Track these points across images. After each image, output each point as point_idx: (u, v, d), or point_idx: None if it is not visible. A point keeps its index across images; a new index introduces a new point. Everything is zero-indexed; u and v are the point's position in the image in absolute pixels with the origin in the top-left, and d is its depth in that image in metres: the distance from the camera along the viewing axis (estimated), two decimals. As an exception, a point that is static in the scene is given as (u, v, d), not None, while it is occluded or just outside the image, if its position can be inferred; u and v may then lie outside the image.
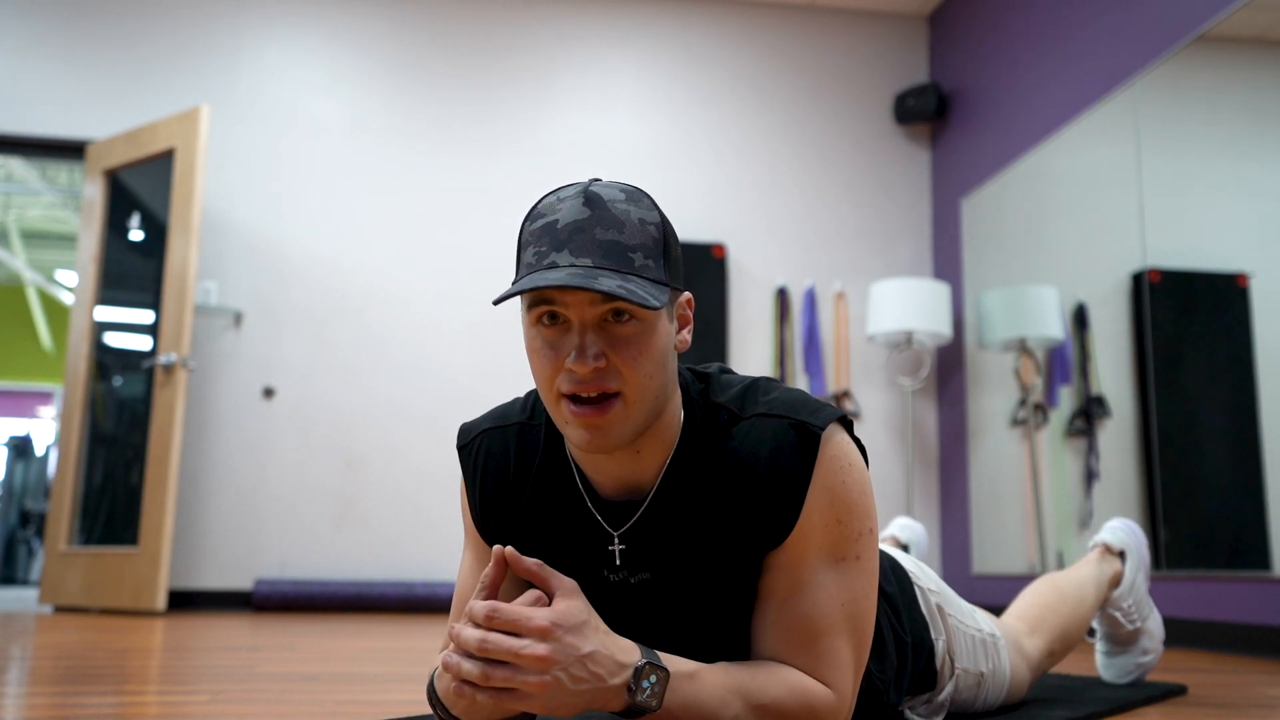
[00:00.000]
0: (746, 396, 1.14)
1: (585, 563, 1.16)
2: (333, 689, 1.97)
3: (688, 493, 1.12)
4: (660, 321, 1.04)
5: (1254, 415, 3.17)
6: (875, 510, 1.13)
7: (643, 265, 1.02)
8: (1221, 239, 3.34)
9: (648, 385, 1.03)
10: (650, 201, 1.07)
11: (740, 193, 5.30)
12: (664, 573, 1.13)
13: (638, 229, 1.03)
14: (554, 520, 1.17)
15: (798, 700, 1.06)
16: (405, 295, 5.03)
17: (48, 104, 4.92)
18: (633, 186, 1.08)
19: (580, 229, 1.02)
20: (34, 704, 1.69)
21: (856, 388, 5.20)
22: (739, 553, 1.11)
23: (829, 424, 1.10)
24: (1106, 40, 4.06)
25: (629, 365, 1.02)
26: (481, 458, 1.21)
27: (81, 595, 4.50)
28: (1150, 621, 1.98)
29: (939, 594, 1.47)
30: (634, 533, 1.13)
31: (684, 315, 1.12)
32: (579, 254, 1.00)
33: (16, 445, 10.15)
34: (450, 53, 5.25)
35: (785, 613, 1.09)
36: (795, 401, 1.12)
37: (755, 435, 1.10)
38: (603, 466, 1.12)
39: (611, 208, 1.03)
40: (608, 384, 1.02)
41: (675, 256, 1.08)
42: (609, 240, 1.01)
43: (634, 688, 0.97)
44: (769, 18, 5.48)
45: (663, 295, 1.02)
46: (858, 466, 1.11)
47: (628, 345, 1.02)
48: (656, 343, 1.04)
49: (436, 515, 4.90)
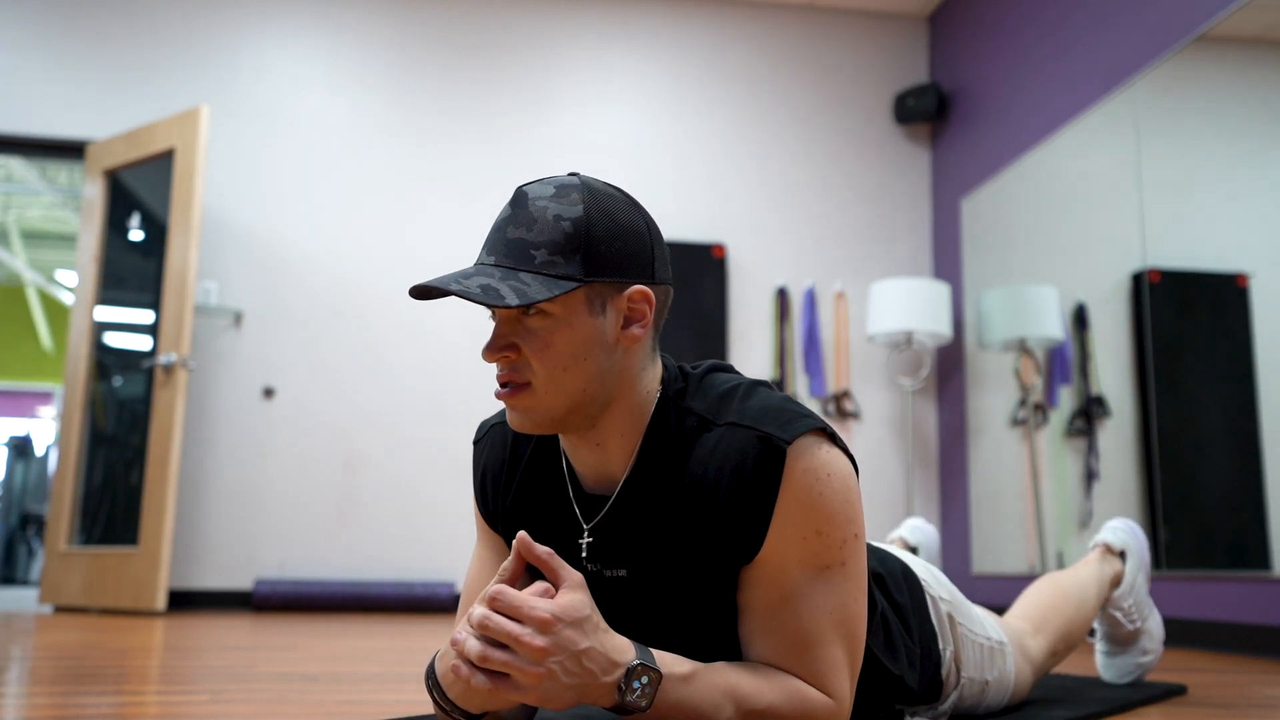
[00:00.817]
0: (724, 402, 1.12)
1: (559, 548, 1.18)
2: (333, 689, 1.97)
3: (653, 494, 1.11)
4: (575, 316, 1.05)
5: (1254, 415, 3.17)
6: (860, 515, 1.11)
7: (545, 262, 1.04)
8: (1221, 239, 3.34)
9: (559, 378, 1.06)
10: (580, 196, 1.06)
11: (740, 193, 5.30)
12: (635, 570, 1.14)
13: (549, 226, 1.05)
14: (536, 508, 1.20)
15: (794, 707, 1.06)
16: (405, 295, 5.03)
17: (48, 104, 4.92)
18: (577, 181, 1.08)
19: (498, 227, 1.08)
20: (34, 704, 1.69)
21: (856, 388, 5.20)
22: (707, 562, 1.10)
23: (798, 436, 1.07)
24: (1106, 40, 4.06)
25: (536, 357, 1.06)
26: (485, 450, 1.26)
27: (82, 595, 4.50)
28: (1150, 622, 1.98)
29: (950, 602, 1.47)
30: (602, 528, 1.14)
31: (634, 309, 1.09)
32: (490, 252, 1.07)
33: (16, 445, 10.15)
34: (450, 52, 5.25)
35: (773, 625, 1.09)
36: (770, 410, 1.09)
37: (723, 446, 1.09)
38: (575, 452, 1.15)
39: (531, 205, 1.06)
40: (517, 374, 1.07)
41: (606, 250, 1.06)
42: (515, 239, 1.06)
43: (624, 687, 0.98)
44: (769, 17, 5.48)
45: (550, 291, 1.02)
46: (837, 475, 1.08)
47: (534, 338, 1.06)
48: (568, 336, 1.06)
49: (436, 515, 4.90)
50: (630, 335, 1.10)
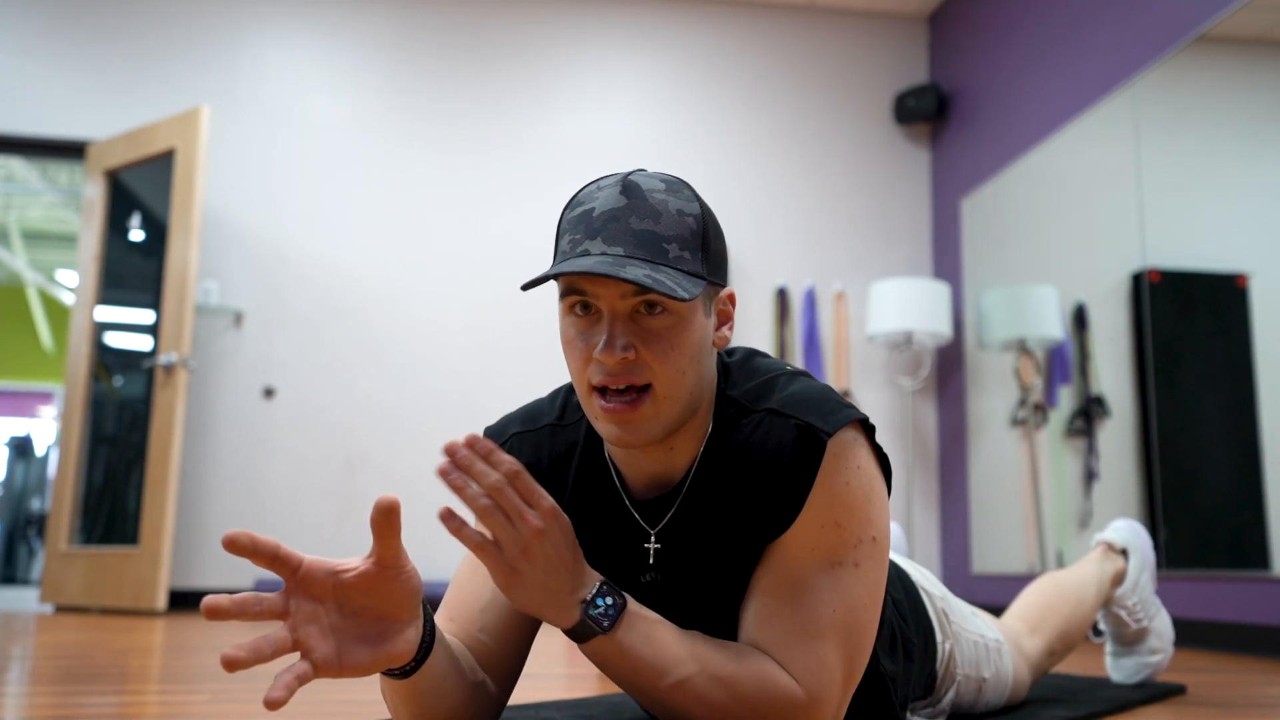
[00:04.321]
0: (764, 390, 1.11)
1: (620, 564, 1.15)
2: (333, 689, 1.97)
3: (712, 489, 1.10)
4: (695, 315, 1.02)
5: (1254, 415, 3.17)
6: (883, 520, 1.08)
7: (677, 257, 1.00)
8: (1221, 239, 3.34)
9: (679, 381, 1.01)
10: (692, 193, 1.05)
11: (740, 192, 5.30)
12: (694, 572, 1.12)
13: (674, 220, 1.01)
14: (593, 520, 1.15)
15: (758, 686, 1.02)
16: (406, 295, 5.03)
17: (48, 104, 4.92)
18: (675, 177, 1.06)
19: (615, 217, 1.00)
20: (34, 704, 1.69)
21: (856, 388, 5.21)
22: (746, 552, 1.09)
23: (840, 428, 1.06)
24: (1106, 40, 4.06)
25: (659, 359, 1.00)
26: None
27: (82, 595, 4.50)
28: (1157, 621, 1.96)
29: (943, 600, 1.47)
30: (668, 531, 1.12)
31: (724, 311, 1.09)
32: (612, 242, 0.99)
33: (17, 445, 10.15)
34: (451, 52, 5.25)
35: (772, 608, 1.06)
36: (812, 400, 1.08)
37: (761, 433, 1.08)
38: (636, 463, 1.10)
39: (649, 197, 1.01)
40: (637, 377, 1.00)
41: (716, 250, 1.05)
42: (643, 230, 1.00)
43: (588, 600, 0.99)
44: (769, 18, 5.48)
45: (695, 288, 0.99)
46: (866, 472, 1.07)
47: (659, 338, 1.00)
48: (690, 337, 1.02)
49: (435, 516, 4.89)
50: (721, 337, 1.09)
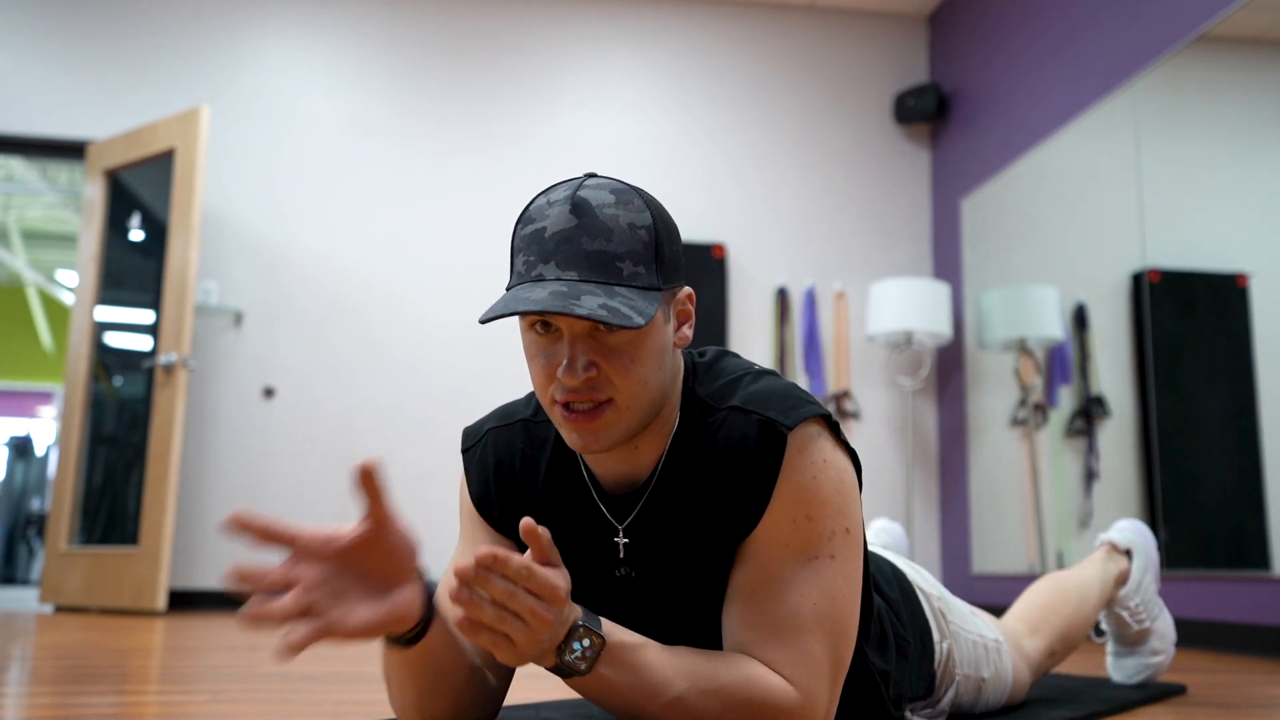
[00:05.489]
0: (729, 388, 1.12)
1: (593, 558, 1.16)
2: (333, 689, 1.97)
3: (679, 486, 1.11)
4: (653, 325, 1.03)
5: (1254, 415, 3.17)
6: (855, 511, 1.09)
7: (631, 274, 1.00)
8: (1221, 239, 3.34)
9: (641, 391, 1.03)
10: (641, 201, 1.05)
11: (740, 193, 5.30)
12: (666, 568, 1.13)
13: (626, 235, 1.01)
14: (563, 514, 1.17)
15: (750, 691, 1.02)
16: (406, 295, 5.03)
17: (48, 104, 4.92)
18: (625, 185, 1.06)
19: (567, 239, 1.00)
20: (34, 704, 1.69)
21: (856, 388, 5.21)
22: (715, 549, 1.10)
23: (800, 423, 1.07)
24: (1106, 40, 4.06)
25: (621, 374, 1.01)
26: (490, 456, 1.21)
27: (82, 595, 4.50)
28: (1160, 622, 1.96)
29: (941, 599, 1.47)
30: (636, 526, 1.13)
31: (684, 310, 1.10)
32: (565, 266, 0.99)
33: (17, 445, 10.15)
34: (451, 52, 5.25)
35: (752, 608, 1.06)
36: (775, 395, 1.09)
37: (725, 430, 1.09)
38: (603, 462, 1.13)
39: (599, 214, 1.01)
40: (599, 393, 1.02)
41: (670, 256, 1.06)
42: (595, 250, 1.00)
43: (564, 648, 0.97)
44: (769, 18, 5.48)
45: (651, 305, 1.00)
46: (833, 465, 1.08)
47: (618, 354, 1.01)
48: (650, 347, 1.03)
49: (436, 515, 4.90)
50: (682, 336, 1.10)
